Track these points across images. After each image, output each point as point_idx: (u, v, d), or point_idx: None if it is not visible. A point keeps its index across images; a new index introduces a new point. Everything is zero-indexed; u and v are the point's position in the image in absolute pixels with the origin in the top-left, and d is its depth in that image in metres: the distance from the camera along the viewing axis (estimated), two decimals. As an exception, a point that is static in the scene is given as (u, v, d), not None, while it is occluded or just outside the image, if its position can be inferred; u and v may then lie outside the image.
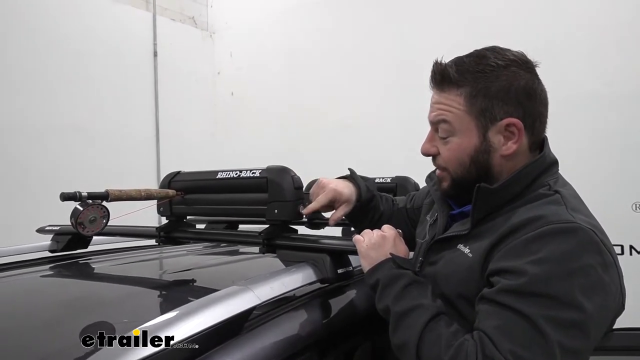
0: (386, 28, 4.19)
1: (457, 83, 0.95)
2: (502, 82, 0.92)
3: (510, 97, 0.92)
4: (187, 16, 5.26)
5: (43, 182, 3.63)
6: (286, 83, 4.78)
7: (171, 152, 4.73)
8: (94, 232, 1.19)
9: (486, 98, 0.93)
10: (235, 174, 1.21)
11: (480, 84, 0.93)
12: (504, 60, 0.94)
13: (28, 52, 3.80)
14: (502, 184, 0.93)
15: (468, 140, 0.95)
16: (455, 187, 1.01)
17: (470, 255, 0.92)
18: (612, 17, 3.20)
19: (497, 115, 0.93)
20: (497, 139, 0.94)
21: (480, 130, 0.94)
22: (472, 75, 0.94)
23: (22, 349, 0.84)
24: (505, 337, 0.78)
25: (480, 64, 0.94)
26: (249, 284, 0.88)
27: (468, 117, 0.94)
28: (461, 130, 0.95)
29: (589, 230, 0.83)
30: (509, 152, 0.94)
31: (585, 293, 0.79)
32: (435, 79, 0.98)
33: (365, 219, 1.29)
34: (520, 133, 0.93)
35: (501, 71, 0.93)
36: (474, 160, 0.96)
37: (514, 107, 0.93)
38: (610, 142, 3.16)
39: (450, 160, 0.99)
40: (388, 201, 1.38)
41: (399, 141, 3.71)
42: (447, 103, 0.96)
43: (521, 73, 0.94)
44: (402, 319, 0.89)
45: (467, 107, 0.94)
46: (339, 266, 1.09)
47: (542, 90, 0.97)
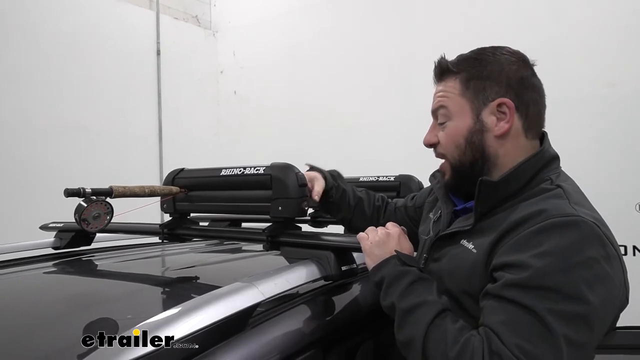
0: (389, 27, 4.19)
1: (454, 71, 1.01)
2: (495, 65, 0.98)
3: (502, 79, 0.97)
4: (190, 15, 5.27)
5: (46, 180, 3.63)
6: (289, 82, 4.77)
7: (174, 151, 4.73)
8: (97, 228, 1.19)
9: (479, 80, 0.98)
10: (239, 171, 1.21)
11: (475, 68, 0.99)
12: (500, 51, 1.00)
13: (31, 50, 3.80)
14: (504, 177, 0.94)
15: (463, 121, 0.99)
16: (456, 176, 1.03)
17: (475, 251, 0.92)
18: (613, 18, 3.19)
19: (489, 96, 0.97)
20: (491, 120, 0.97)
21: (474, 112, 0.98)
22: (468, 62, 1.00)
23: (26, 345, 0.84)
24: (511, 332, 0.78)
25: (477, 53, 1.01)
26: (253, 281, 0.87)
27: (463, 100, 0.99)
28: (456, 113, 1.00)
29: (592, 224, 0.83)
30: (502, 132, 0.96)
31: (589, 285, 0.79)
32: (436, 71, 1.05)
33: (343, 204, 1.34)
34: (511, 112, 0.96)
35: (495, 57, 0.99)
36: (469, 142, 0.98)
37: (505, 88, 0.97)
38: (613, 143, 3.15)
39: (447, 144, 1.02)
40: (369, 193, 1.42)
41: (402, 140, 3.70)
42: (445, 90, 1.02)
43: (514, 61, 0.99)
44: (408, 315, 0.89)
45: (461, 91, 0.99)
46: (343, 263, 1.08)
47: (537, 81, 1.00)
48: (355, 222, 1.36)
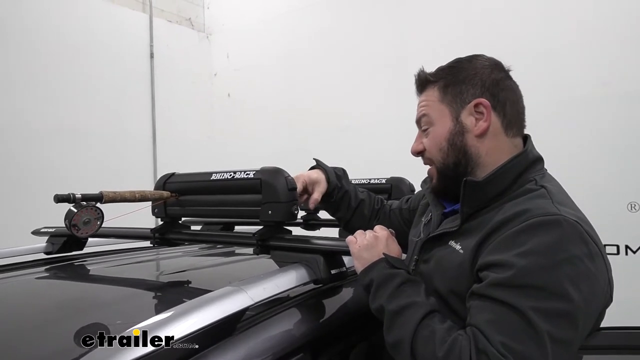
0: (383, 29, 4.20)
1: (433, 81, 1.06)
2: (469, 70, 1.03)
3: (476, 82, 1.01)
4: (184, 18, 5.26)
5: (39, 184, 3.62)
6: (283, 84, 4.78)
7: (168, 154, 4.72)
8: (88, 233, 1.19)
9: (456, 85, 1.03)
10: (229, 175, 1.21)
11: (452, 75, 1.04)
12: (476, 58, 1.05)
13: (24, 53, 3.80)
14: (488, 177, 0.95)
15: (444, 125, 1.03)
16: (443, 180, 1.05)
17: (461, 251, 0.94)
18: (608, 19, 3.21)
19: (466, 98, 1.01)
20: (469, 121, 1.01)
21: (453, 115, 1.02)
22: (445, 71, 1.06)
23: (17, 351, 0.84)
24: (496, 330, 0.79)
25: (453, 62, 1.07)
26: (242, 285, 0.88)
27: (442, 106, 1.04)
28: (437, 118, 1.04)
29: (574, 222, 0.85)
30: (480, 131, 0.99)
31: (572, 283, 0.80)
32: (417, 84, 1.10)
33: (342, 204, 1.36)
34: (488, 111, 0.99)
35: (471, 63, 1.04)
36: (451, 144, 1.02)
37: (481, 89, 1.01)
38: (606, 143, 3.16)
39: (432, 149, 1.05)
40: (372, 196, 1.43)
41: (395, 143, 3.69)
42: (426, 99, 1.07)
43: (487, 65, 1.04)
44: (396, 317, 0.90)
45: (440, 97, 1.04)
46: (333, 267, 1.09)
47: (512, 83, 1.04)
48: (354, 223, 1.37)
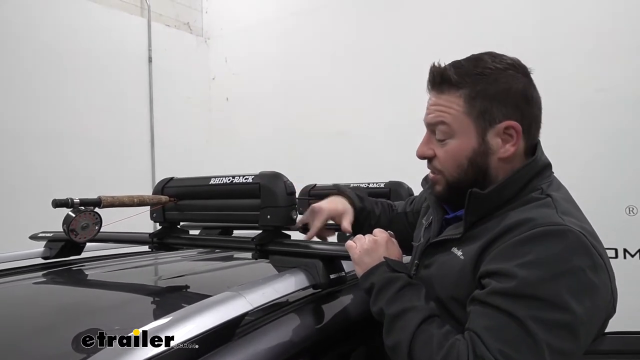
0: (381, 34, 4.20)
1: (456, 85, 0.95)
2: (501, 84, 0.93)
3: (509, 100, 0.93)
4: (182, 22, 5.27)
5: (37, 189, 3.61)
6: (281, 88, 4.78)
7: (166, 158, 4.71)
8: (86, 238, 1.18)
9: (485, 100, 0.93)
10: (227, 180, 1.21)
11: (480, 85, 0.93)
12: (502, 63, 0.95)
13: (21, 58, 3.79)
14: (494, 188, 0.94)
15: (467, 142, 0.95)
16: (450, 191, 1.01)
17: (463, 257, 0.93)
18: (606, 23, 3.22)
19: (496, 117, 0.93)
20: (496, 142, 0.94)
21: (479, 132, 0.94)
22: (472, 78, 0.94)
23: (15, 356, 0.83)
24: (495, 338, 0.79)
25: (478, 66, 0.95)
26: (241, 290, 0.87)
27: (467, 119, 0.94)
28: (460, 132, 0.95)
29: (578, 233, 0.84)
30: (507, 155, 0.94)
31: (574, 295, 0.79)
32: (434, 81, 0.98)
33: (365, 224, 1.32)
34: (518, 136, 0.94)
35: (500, 74, 0.94)
36: (472, 163, 0.96)
37: (513, 109, 0.93)
38: (604, 146, 3.17)
39: (447, 162, 0.99)
40: (384, 205, 1.40)
41: (393, 147, 3.71)
42: (446, 105, 0.96)
43: (519, 77, 0.95)
44: (395, 320, 0.90)
45: (466, 109, 0.94)
46: (332, 271, 1.09)
47: (537, 94, 0.98)
48: None
